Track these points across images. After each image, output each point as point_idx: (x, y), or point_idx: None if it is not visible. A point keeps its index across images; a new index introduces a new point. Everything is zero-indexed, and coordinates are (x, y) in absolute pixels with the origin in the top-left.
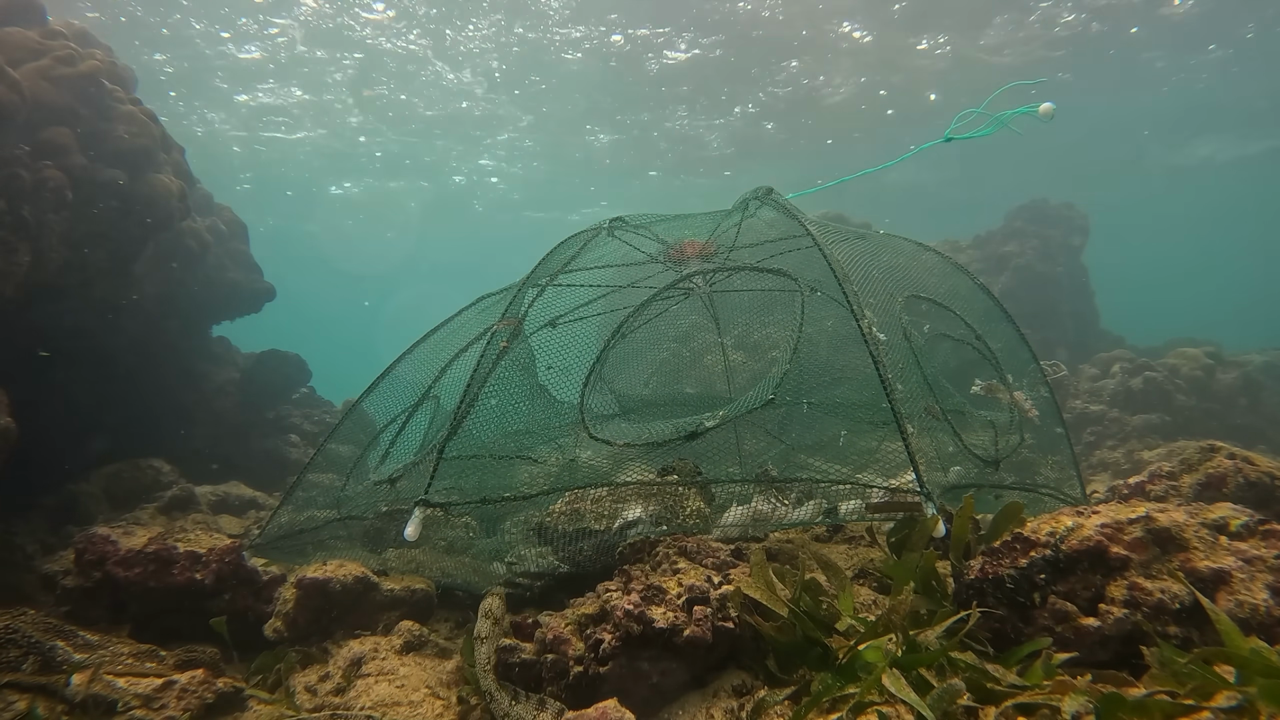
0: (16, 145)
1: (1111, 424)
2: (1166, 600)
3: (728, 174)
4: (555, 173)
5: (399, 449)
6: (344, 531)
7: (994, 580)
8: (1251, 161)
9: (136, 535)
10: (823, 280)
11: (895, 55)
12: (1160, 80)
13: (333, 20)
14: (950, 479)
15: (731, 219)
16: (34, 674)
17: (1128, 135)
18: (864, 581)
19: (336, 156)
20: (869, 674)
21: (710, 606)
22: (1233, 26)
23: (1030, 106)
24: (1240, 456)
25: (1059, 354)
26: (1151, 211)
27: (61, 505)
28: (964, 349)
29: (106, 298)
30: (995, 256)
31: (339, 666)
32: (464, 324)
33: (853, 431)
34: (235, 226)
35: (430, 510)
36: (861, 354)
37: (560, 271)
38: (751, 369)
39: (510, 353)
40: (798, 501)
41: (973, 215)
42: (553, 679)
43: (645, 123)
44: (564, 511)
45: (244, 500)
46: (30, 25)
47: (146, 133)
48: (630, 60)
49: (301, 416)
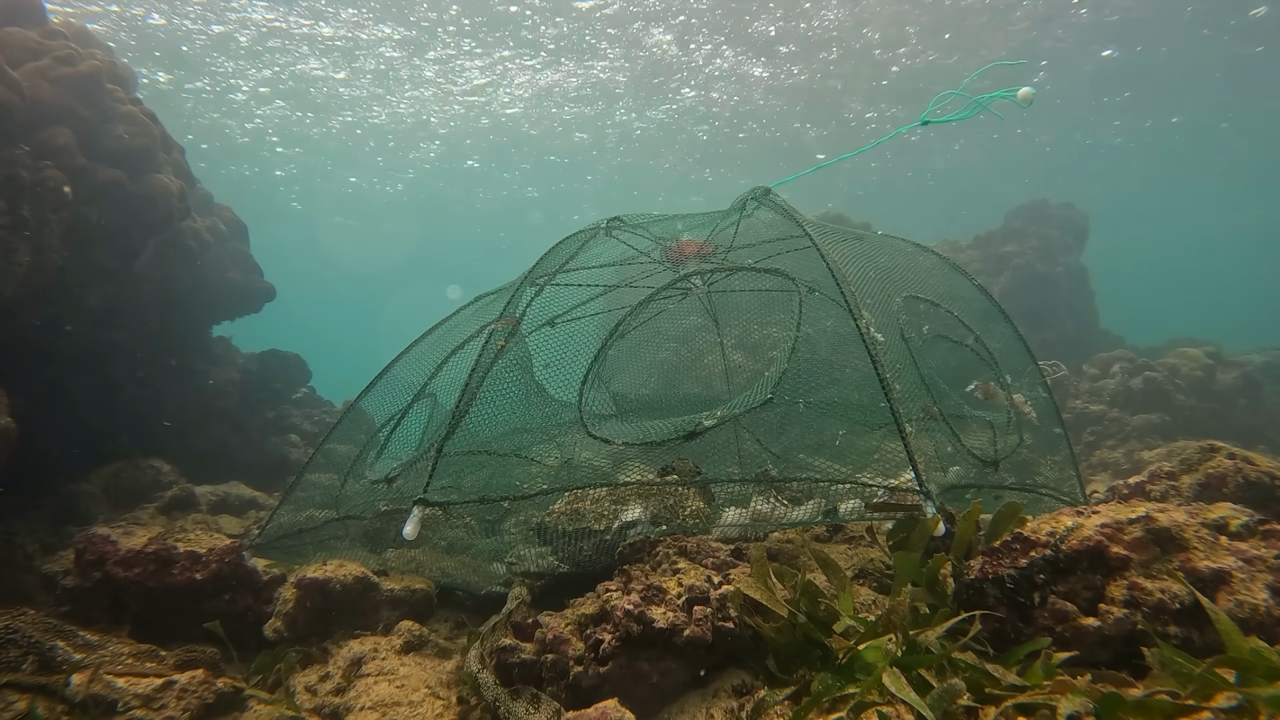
0: (16, 145)
1: (1111, 424)
2: (1166, 600)
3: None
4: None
5: (394, 446)
6: (344, 531)
7: (994, 580)
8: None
9: (136, 535)
10: (821, 281)
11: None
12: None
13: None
14: (950, 479)
15: (729, 219)
16: (34, 674)
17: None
18: (864, 581)
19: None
20: (869, 674)
21: (710, 606)
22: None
23: (1009, 90)
24: (1240, 456)
25: (1058, 354)
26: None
27: (61, 505)
28: (963, 350)
29: (106, 298)
30: (995, 256)
31: (339, 666)
32: (462, 323)
33: (852, 431)
34: (235, 226)
35: (429, 510)
36: (860, 354)
37: (558, 271)
38: (751, 369)
39: (508, 352)
40: (797, 501)
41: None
42: (553, 679)
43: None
44: (564, 511)
45: (244, 500)
46: (30, 25)
47: (146, 133)
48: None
49: (301, 416)
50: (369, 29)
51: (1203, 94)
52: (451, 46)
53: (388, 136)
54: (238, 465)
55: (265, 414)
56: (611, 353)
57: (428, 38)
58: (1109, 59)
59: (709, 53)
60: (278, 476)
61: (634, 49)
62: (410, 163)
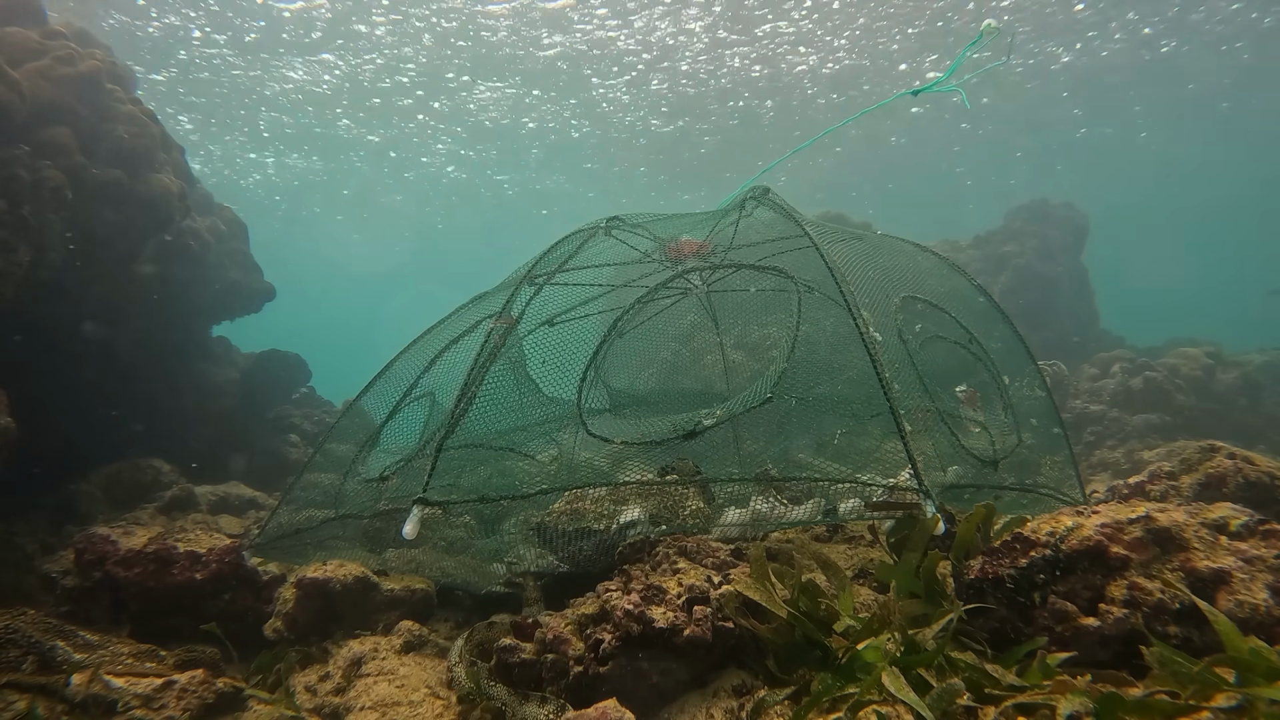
0: (16, 145)
1: (1111, 424)
2: (1166, 600)
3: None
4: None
5: (392, 444)
6: (344, 531)
7: (994, 580)
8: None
9: (136, 535)
10: (820, 280)
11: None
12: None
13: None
14: (949, 478)
15: (729, 219)
16: (34, 674)
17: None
18: (864, 581)
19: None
20: (868, 674)
21: (710, 606)
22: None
23: (976, 37)
24: (1240, 456)
25: (1058, 354)
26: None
27: (61, 505)
28: (962, 350)
29: (106, 298)
30: (995, 256)
31: (339, 666)
32: (461, 322)
33: (851, 431)
34: (235, 226)
35: (429, 509)
36: (859, 353)
37: (557, 270)
38: (751, 369)
39: (506, 351)
40: (797, 501)
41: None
42: (553, 679)
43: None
44: (564, 511)
45: (244, 500)
46: (30, 25)
47: (146, 133)
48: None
49: (302, 416)
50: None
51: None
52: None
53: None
54: (238, 465)
55: (265, 414)
56: (611, 352)
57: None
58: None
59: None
60: (278, 476)
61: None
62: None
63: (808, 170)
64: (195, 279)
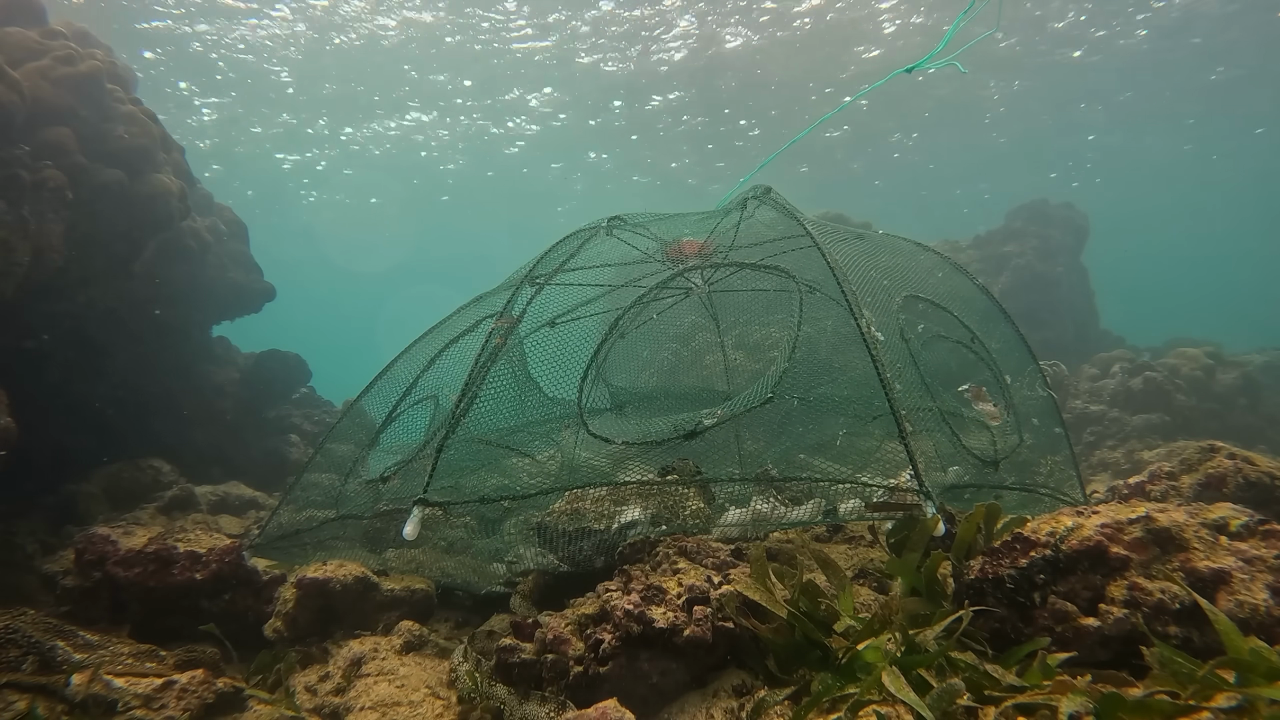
0: (16, 145)
1: (1111, 424)
2: (1166, 600)
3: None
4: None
5: (393, 444)
6: (344, 531)
7: (994, 580)
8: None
9: (136, 535)
10: (821, 280)
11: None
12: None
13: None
14: (949, 479)
15: (730, 219)
16: (34, 674)
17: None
18: (864, 581)
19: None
20: (868, 674)
21: (710, 606)
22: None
23: (969, 3)
24: (1240, 456)
25: (1058, 354)
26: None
27: (61, 505)
28: (964, 350)
29: (106, 298)
30: (995, 256)
31: (339, 666)
32: (461, 322)
33: (852, 431)
34: (235, 226)
35: (429, 510)
36: (860, 353)
37: (558, 270)
38: (751, 369)
39: (507, 351)
40: (797, 501)
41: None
42: (553, 679)
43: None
44: (564, 511)
45: (244, 500)
46: (30, 25)
47: (146, 133)
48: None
49: (302, 416)
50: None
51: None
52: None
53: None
54: (238, 465)
55: (265, 414)
56: (612, 352)
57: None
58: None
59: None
60: (278, 476)
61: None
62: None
63: (807, 171)
64: (195, 279)
